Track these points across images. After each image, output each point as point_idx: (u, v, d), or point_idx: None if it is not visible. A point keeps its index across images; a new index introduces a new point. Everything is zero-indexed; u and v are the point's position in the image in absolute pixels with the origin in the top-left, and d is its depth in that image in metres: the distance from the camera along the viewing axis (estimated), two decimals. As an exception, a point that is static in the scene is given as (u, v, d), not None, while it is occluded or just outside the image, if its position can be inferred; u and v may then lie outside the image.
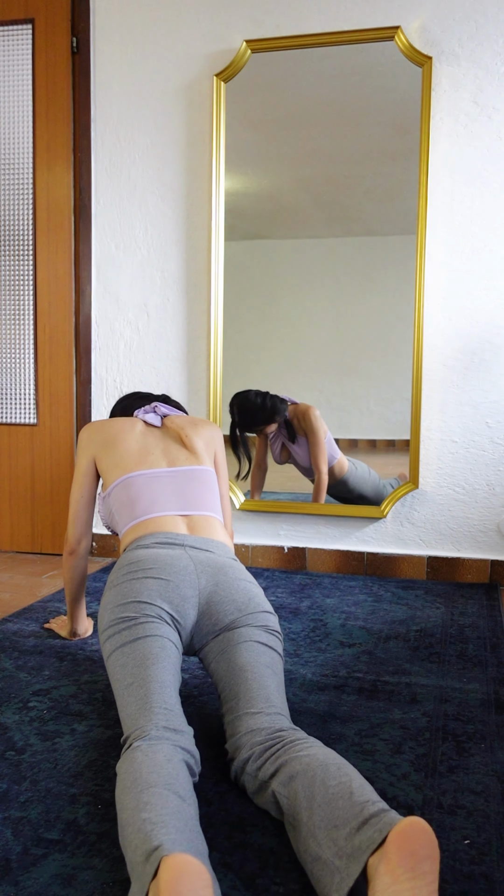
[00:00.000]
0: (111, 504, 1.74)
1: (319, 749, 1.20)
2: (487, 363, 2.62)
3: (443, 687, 1.74)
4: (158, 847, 0.98)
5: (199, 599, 1.49)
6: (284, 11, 2.67)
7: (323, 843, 1.03)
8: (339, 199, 2.85)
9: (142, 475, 1.70)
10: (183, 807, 1.07)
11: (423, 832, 0.96)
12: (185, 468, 1.74)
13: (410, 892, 0.92)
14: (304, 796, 1.10)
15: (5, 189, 3.02)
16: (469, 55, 2.55)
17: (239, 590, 1.52)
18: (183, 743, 1.23)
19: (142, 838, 1.01)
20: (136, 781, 1.11)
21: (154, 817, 1.04)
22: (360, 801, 1.05)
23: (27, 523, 3.11)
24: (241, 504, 2.85)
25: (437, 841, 0.97)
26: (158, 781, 1.11)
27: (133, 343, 2.94)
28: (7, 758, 1.40)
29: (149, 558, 1.52)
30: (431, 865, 0.95)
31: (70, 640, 2.03)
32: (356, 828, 1.01)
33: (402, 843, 0.95)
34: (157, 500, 1.66)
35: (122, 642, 1.41)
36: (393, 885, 0.93)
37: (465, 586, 2.61)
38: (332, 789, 1.08)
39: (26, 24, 2.95)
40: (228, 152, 2.74)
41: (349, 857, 0.99)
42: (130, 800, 1.09)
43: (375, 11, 2.59)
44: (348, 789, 1.08)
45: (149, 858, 0.97)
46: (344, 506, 2.79)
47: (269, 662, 1.44)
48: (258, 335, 2.95)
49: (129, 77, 2.86)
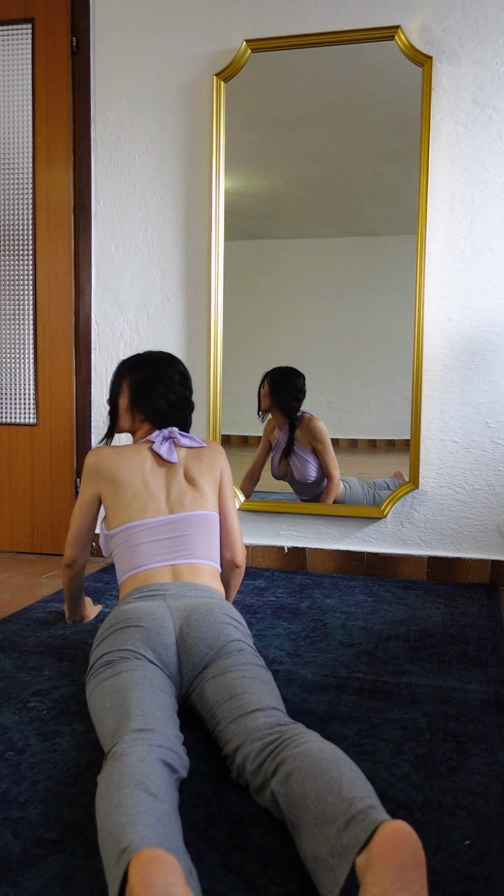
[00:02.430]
0: (112, 546, 1.81)
1: (315, 743, 1.19)
2: (488, 363, 2.62)
3: (443, 687, 1.74)
4: (126, 848, 0.98)
5: (177, 646, 1.52)
6: (284, 11, 2.67)
7: (319, 841, 1.03)
8: (339, 199, 2.85)
9: (143, 525, 1.75)
10: (154, 804, 1.07)
11: (407, 841, 0.95)
12: (187, 514, 1.77)
13: None
14: (299, 794, 1.10)
15: (5, 189, 3.02)
16: (469, 55, 2.55)
17: (209, 626, 1.54)
18: (159, 741, 1.22)
19: (113, 841, 1.01)
20: (108, 787, 1.12)
21: (124, 819, 1.04)
22: (348, 797, 1.05)
23: (27, 523, 3.11)
24: (241, 504, 2.85)
25: (421, 846, 0.96)
26: (129, 783, 1.11)
27: (133, 343, 2.94)
28: (7, 758, 1.40)
29: (131, 611, 1.58)
30: (418, 872, 0.94)
31: (69, 641, 2.03)
32: (344, 825, 1.01)
33: (387, 853, 0.94)
34: (151, 552, 1.73)
35: (103, 679, 1.43)
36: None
37: (466, 586, 2.61)
38: (323, 785, 1.08)
39: (26, 24, 2.95)
40: (228, 152, 2.74)
41: (340, 854, 0.99)
42: (103, 805, 1.09)
43: (375, 11, 2.59)
44: (338, 785, 1.07)
45: (119, 860, 0.98)
46: (344, 506, 2.79)
47: (255, 674, 1.45)
48: (258, 335, 2.95)
49: (129, 77, 2.85)
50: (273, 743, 1.23)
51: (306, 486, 2.84)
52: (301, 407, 2.82)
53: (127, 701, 1.34)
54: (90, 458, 1.85)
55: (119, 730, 1.27)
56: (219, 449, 1.92)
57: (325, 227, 2.90)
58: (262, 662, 1.54)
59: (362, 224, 2.86)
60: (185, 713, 1.55)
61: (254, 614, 2.27)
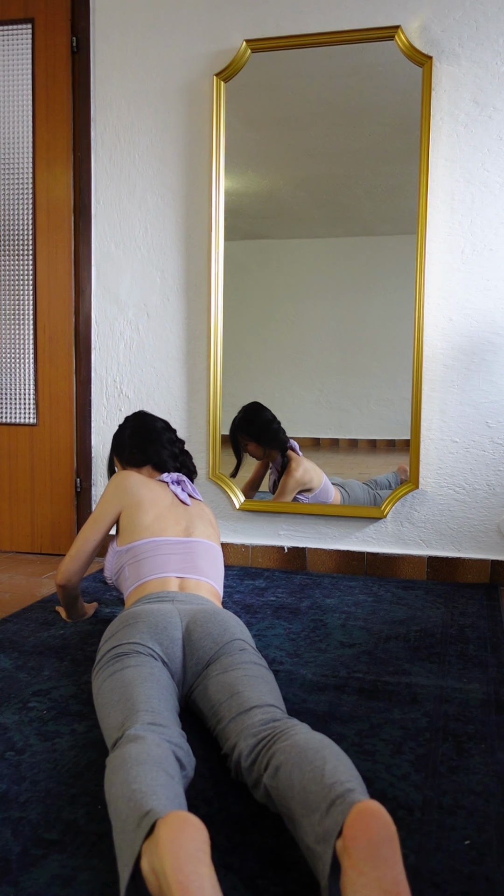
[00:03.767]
0: (125, 559, 1.87)
1: (302, 735, 1.19)
2: (488, 363, 2.62)
3: (443, 687, 1.74)
4: (150, 811, 0.99)
5: (182, 641, 1.55)
6: (284, 11, 2.67)
7: (307, 830, 1.04)
8: (339, 199, 2.85)
9: (163, 541, 1.86)
10: (172, 783, 1.08)
11: (376, 818, 0.95)
12: (199, 540, 1.90)
13: (377, 883, 0.92)
14: (287, 786, 1.11)
15: (5, 189, 3.02)
16: (469, 55, 2.55)
17: (215, 622, 1.58)
18: (170, 736, 1.23)
19: (132, 805, 1.02)
20: (125, 761, 1.12)
21: (144, 787, 1.04)
22: (329, 783, 1.05)
23: (27, 523, 3.11)
24: (241, 504, 2.85)
25: (392, 822, 0.96)
26: (147, 760, 1.12)
27: (133, 343, 2.94)
28: (7, 758, 1.40)
29: (139, 611, 1.62)
30: (391, 849, 0.94)
31: (69, 641, 2.03)
32: (325, 811, 1.01)
33: (357, 833, 0.95)
34: (162, 564, 1.81)
35: (111, 673, 1.44)
36: (359, 878, 0.92)
37: (466, 586, 2.61)
38: (307, 775, 1.08)
39: (26, 24, 2.95)
40: (228, 152, 2.74)
41: (323, 841, 0.99)
42: (119, 776, 1.09)
43: (375, 11, 2.59)
44: (321, 773, 1.08)
45: (140, 823, 0.98)
46: (344, 506, 2.79)
47: (256, 673, 1.46)
48: (258, 335, 2.95)
49: (129, 77, 2.85)
50: (266, 738, 1.23)
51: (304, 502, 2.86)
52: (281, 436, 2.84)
53: (135, 696, 1.34)
54: (120, 477, 1.98)
55: (127, 722, 1.27)
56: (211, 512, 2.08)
57: (325, 227, 2.90)
58: (264, 662, 1.55)
59: (362, 224, 2.86)
60: (184, 714, 1.55)
61: (254, 614, 2.27)
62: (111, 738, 1.28)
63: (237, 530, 2.89)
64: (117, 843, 1.01)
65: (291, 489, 2.83)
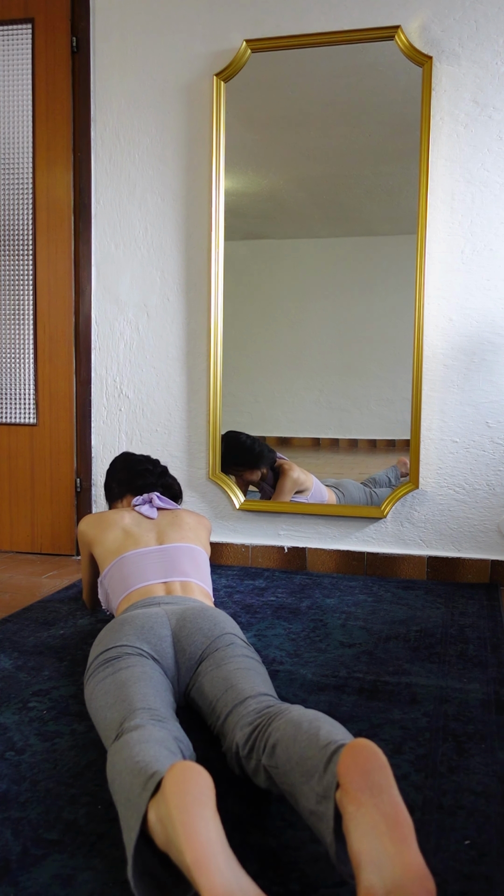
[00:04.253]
0: (107, 586, 1.91)
1: (296, 711, 1.20)
2: (488, 363, 2.62)
3: (443, 687, 1.74)
4: (155, 773, 1.01)
5: (172, 638, 1.55)
6: (284, 11, 2.67)
7: (308, 796, 1.05)
8: (339, 199, 2.85)
9: (134, 554, 1.88)
10: (176, 758, 1.10)
11: (363, 748, 0.99)
12: (176, 545, 1.92)
13: (375, 809, 0.95)
14: (284, 760, 1.12)
15: (5, 189, 3.02)
16: (469, 55, 2.55)
17: (205, 618, 1.59)
18: (170, 729, 1.24)
19: (137, 773, 1.04)
20: (127, 743, 1.14)
21: (148, 758, 1.07)
22: (324, 743, 1.07)
23: (27, 523, 3.11)
24: (241, 504, 2.85)
25: (381, 753, 0.99)
26: (149, 739, 1.14)
27: (133, 343, 2.94)
28: (7, 758, 1.40)
29: (126, 617, 1.63)
30: (383, 775, 0.97)
31: (69, 641, 2.03)
32: (323, 770, 1.04)
33: (349, 767, 0.98)
34: (144, 573, 1.82)
35: (103, 678, 1.44)
36: (357, 811, 0.95)
37: (466, 586, 2.61)
38: (303, 743, 1.10)
39: (26, 24, 2.95)
40: (228, 152, 2.74)
41: (324, 798, 1.02)
42: (122, 756, 1.11)
43: (375, 11, 2.59)
44: (316, 738, 1.10)
45: (146, 785, 1.01)
46: (344, 506, 2.79)
47: (248, 665, 1.47)
48: (258, 335, 2.95)
49: (129, 77, 2.85)
50: (261, 724, 1.24)
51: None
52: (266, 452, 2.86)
53: (131, 696, 1.34)
54: (81, 524, 2.10)
55: (125, 721, 1.27)
56: (205, 520, 2.14)
57: (325, 227, 2.90)
58: (256, 655, 1.56)
59: (362, 224, 2.86)
60: (183, 712, 1.55)
61: (254, 614, 2.27)
62: (109, 738, 1.28)
63: (237, 530, 2.89)
64: (123, 814, 1.03)
65: (289, 489, 2.83)
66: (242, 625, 2.17)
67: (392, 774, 0.98)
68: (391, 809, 0.95)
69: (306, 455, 2.90)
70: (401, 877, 0.91)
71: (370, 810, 0.95)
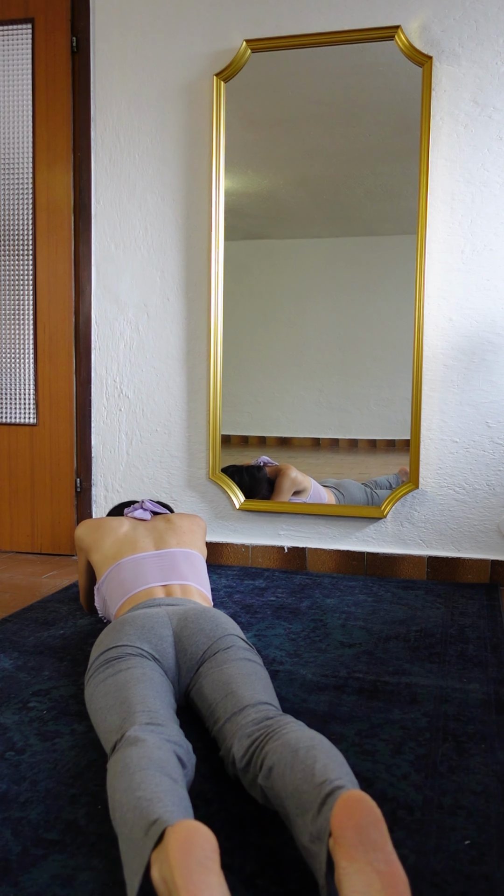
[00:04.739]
0: (105, 592, 1.90)
1: (294, 733, 1.19)
2: (488, 363, 2.62)
3: (443, 687, 1.74)
4: (157, 820, 0.99)
5: (173, 638, 1.55)
6: (284, 11, 2.67)
7: (301, 830, 1.05)
8: (339, 199, 2.84)
9: (132, 559, 1.89)
10: (176, 788, 1.08)
11: (359, 804, 0.97)
12: (173, 550, 1.93)
13: (370, 867, 0.93)
14: (280, 787, 1.11)
15: (5, 189, 3.02)
16: (469, 55, 2.55)
17: (206, 618, 1.59)
18: (169, 735, 1.23)
19: (139, 814, 1.02)
20: (127, 766, 1.12)
21: (149, 794, 1.05)
22: (319, 781, 1.06)
23: (27, 523, 3.11)
24: (241, 504, 2.85)
25: (376, 807, 0.98)
26: (150, 765, 1.12)
27: (133, 343, 2.94)
28: (7, 758, 1.40)
29: (126, 617, 1.63)
30: (378, 831, 0.96)
31: (69, 641, 2.03)
32: (317, 811, 1.02)
33: (343, 822, 0.96)
34: (142, 577, 1.83)
35: (103, 679, 1.44)
36: (350, 866, 0.94)
37: (466, 586, 2.61)
38: (299, 774, 1.09)
39: (26, 24, 2.95)
40: (228, 152, 2.74)
41: (318, 840, 1.01)
42: (122, 782, 1.09)
43: (375, 11, 2.59)
44: (311, 772, 1.08)
45: (148, 832, 0.98)
46: (344, 506, 2.79)
47: (250, 670, 1.46)
48: (258, 335, 2.95)
49: (129, 77, 2.85)
50: (258, 739, 1.23)
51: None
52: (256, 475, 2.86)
53: (130, 698, 1.34)
54: (78, 530, 2.12)
55: (124, 724, 1.27)
56: (200, 520, 2.18)
57: (325, 227, 2.90)
58: (258, 658, 1.55)
59: (362, 224, 2.86)
60: (183, 713, 1.55)
61: (254, 614, 2.27)
62: (109, 742, 1.28)
63: (237, 530, 2.89)
64: (124, 851, 1.02)
65: (287, 489, 2.83)
66: (242, 625, 2.17)
67: (387, 830, 0.96)
68: (386, 868, 0.93)
69: (306, 455, 2.90)
70: None
71: (364, 867, 0.93)
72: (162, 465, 2.94)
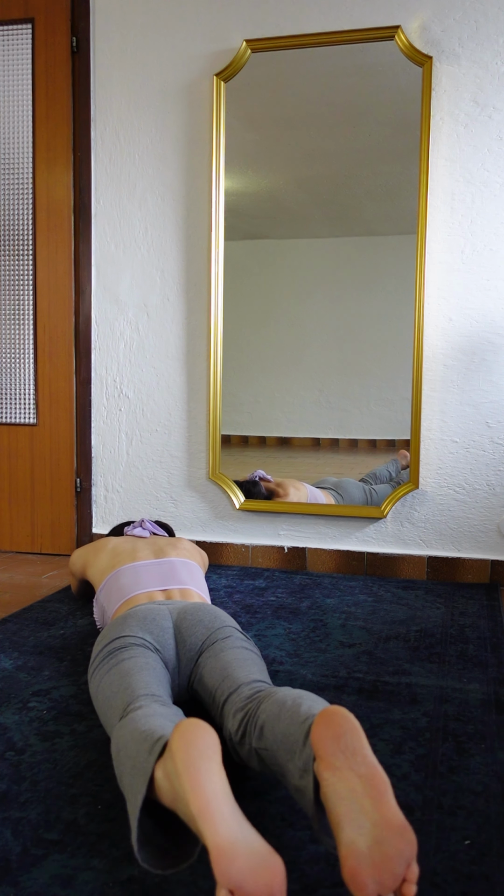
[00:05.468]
0: (103, 600, 1.90)
1: (281, 692, 1.21)
2: (488, 363, 2.62)
3: (443, 687, 1.74)
4: (161, 737, 1.03)
5: (174, 630, 1.57)
6: (284, 11, 2.67)
7: (292, 772, 1.07)
8: (339, 199, 2.85)
9: (130, 566, 1.90)
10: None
11: (334, 713, 1.01)
12: (172, 559, 1.95)
13: (350, 771, 0.96)
14: (272, 740, 1.13)
15: (5, 189, 3.02)
16: (469, 55, 2.55)
17: (205, 611, 1.61)
18: (174, 711, 1.26)
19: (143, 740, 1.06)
20: (133, 719, 1.16)
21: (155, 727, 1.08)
22: (303, 718, 1.08)
23: (27, 523, 3.11)
24: (241, 504, 2.85)
25: (352, 716, 1.00)
26: (154, 714, 1.15)
27: (133, 343, 2.94)
28: (7, 758, 1.40)
29: (128, 613, 1.64)
30: (355, 737, 0.99)
31: (69, 641, 2.03)
32: (302, 744, 1.05)
33: (321, 734, 0.99)
34: (141, 582, 1.83)
35: (108, 669, 1.45)
36: (333, 775, 0.96)
37: (466, 586, 2.61)
38: (286, 720, 1.12)
39: (26, 24, 2.95)
40: (228, 152, 2.74)
41: (305, 771, 1.03)
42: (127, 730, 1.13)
43: (375, 11, 2.59)
44: (297, 713, 1.11)
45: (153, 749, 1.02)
46: (344, 506, 2.79)
47: (246, 656, 1.49)
48: (258, 335, 2.95)
49: (129, 77, 2.85)
50: (250, 709, 1.25)
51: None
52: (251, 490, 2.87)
53: (134, 684, 1.35)
54: (71, 557, 2.23)
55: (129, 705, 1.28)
56: (200, 549, 2.24)
57: (325, 227, 2.90)
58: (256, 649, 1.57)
59: (362, 224, 2.86)
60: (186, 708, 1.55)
61: (254, 614, 2.27)
62: (113, 722, 1.29)
63: (237, 530, 2.89)
64: (129, 782, 1.04)
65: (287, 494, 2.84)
66: (242, 625, 2.17)
67: (364, 736, 1.00)
68: (366, 769, 0.97)
69: (306, 455, 2.90)
70: (381, 831, 0.92)
71: (346, 773, 0.96)
72: (162, 465, 2.94)
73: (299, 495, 2.83)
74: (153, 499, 2.96)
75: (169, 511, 2.95)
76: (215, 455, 2.85)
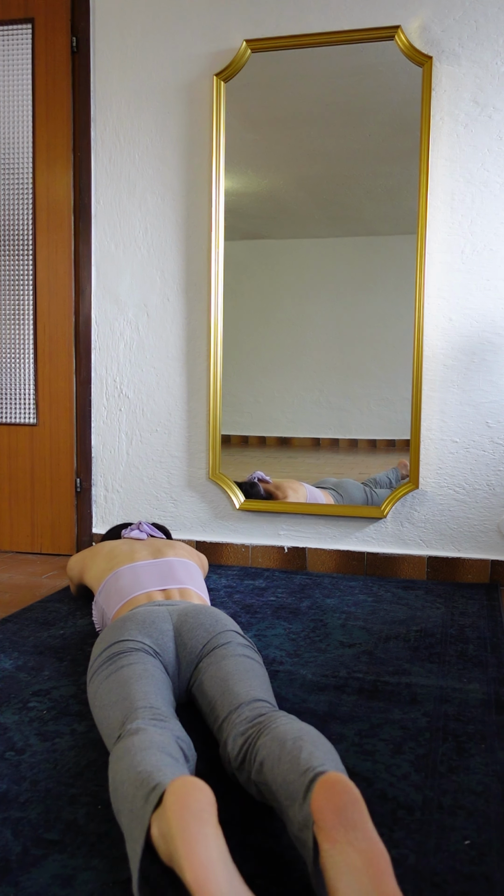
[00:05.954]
0: (102, 603, 1.90)
1: (283, 726, 1.19)
2: (488, 363, 2.62)
3: (443, 687, 1.74)
4: (157, 785, 1.01)
5: (174, 633, 1.56)
6: (284, 11, 2.67)
7: (291, 820, 1.05)
8: (339, 199, 2.84)
9: (129, 567, 1.91)
10: (177, 764, 1.09)
11: (337, 785, 0.98)
12: (170, 559, 1.96)
13: (350, 847, 0.94)
14: (271, 780, 1.12)
15: (5, 189, 3.02)
16: (469, 55, 2.55)
17: (206, 614, 1.60)
18: (171, 728, 1.24)
19: (139, 786, 1.03)
20: (129, 749, 1.13)
21: (150, 768, 1.06)
22: (304, 769, 1.06)
23: (27, 523, 3.11)
24: (241, 504, 2.85)
25: (353, 786, 0.98)
26: (151, 746, 1.13)
27: (133, 343, 2.94)
28: (7, 758, 1.40)
29: (127, 615, 1.64)
30: (357, 811, 0.96)
31: (69, 641, 2.03)
32: (302, 799, 1.03)
33: (322, 805, 0.97)
34: (141, 583, 1.84)
35: (106, 676, 1.44)
36: (333, 848, 0.95)
37: (466, 586, 2.61)
38: (286, 766, 1.10)
39: (26, 24, 2.95)
40: (228, 152, 2.74)
41: (305, 827, 1.01)
42: (123, 763, 1.10)
43: (375, 11, 2.59)
44: (297, 761, 1.09)
45: (148, 798, 1.00)
46: (344, 506, 2.79)
47: (248, 667, 1.47)
48: (258, 335, 2.95)
49: (129, 77, 2.85)
50: (251, 736, 1.24)
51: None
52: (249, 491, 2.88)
53: (132, 694, 1.34)
54: (68, 563, 2.25)
55: (127, 720, 1.27)
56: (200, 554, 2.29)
57: (325, 227, 2.90)
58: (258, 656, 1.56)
59: (362, 224, 2.86)
60: (184, 711, 1.55)
61: (254, 614, 2.27)
62: (112, 738, 1.28)
63: (237, 530, 2.89)
64: (126, 825, 1.02)
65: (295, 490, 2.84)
66: (242, 625, 2.17)
67: (366, 809, 0.97)
68: (366, 845, 0.94)
69: (306, 455, 2.90)
70: None
71: (345, 847, 0.94)
72: (162, 465, 2.94)
73: (297, 497, 2.83)
74: (153, 499, 2.96)
75: (169, 511, 2.95)
76: (215, 455, 2.85)
